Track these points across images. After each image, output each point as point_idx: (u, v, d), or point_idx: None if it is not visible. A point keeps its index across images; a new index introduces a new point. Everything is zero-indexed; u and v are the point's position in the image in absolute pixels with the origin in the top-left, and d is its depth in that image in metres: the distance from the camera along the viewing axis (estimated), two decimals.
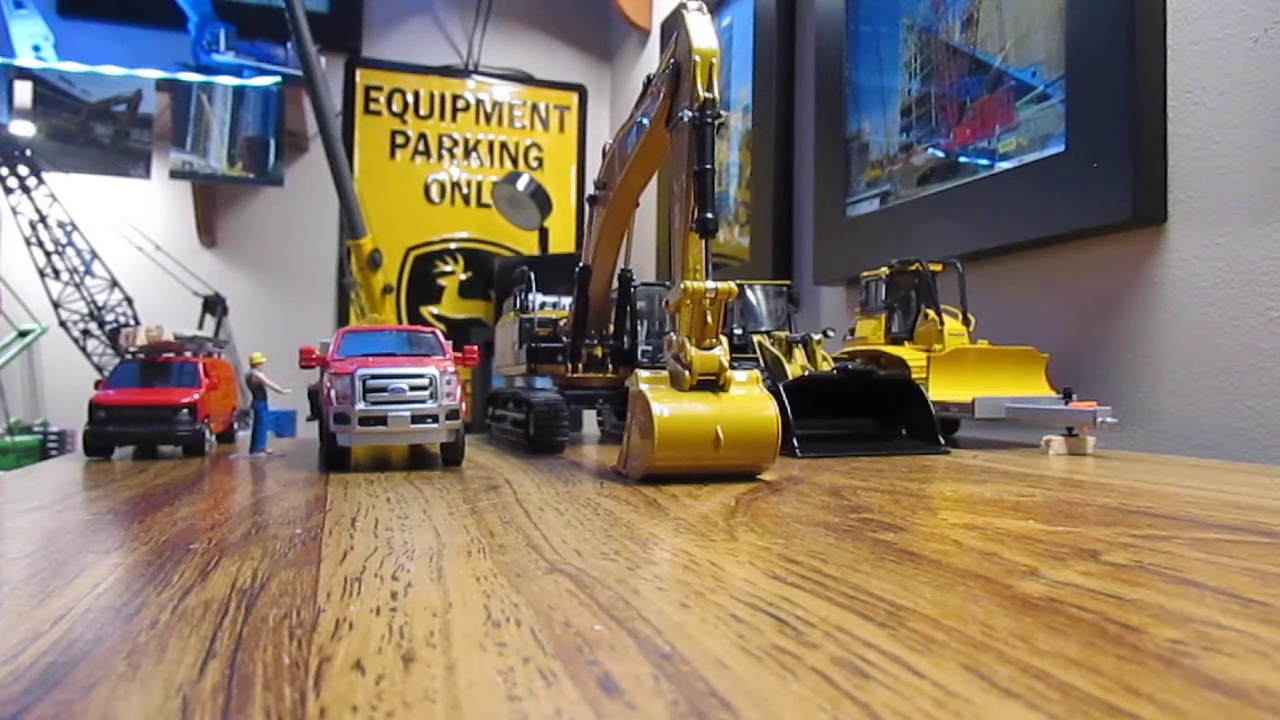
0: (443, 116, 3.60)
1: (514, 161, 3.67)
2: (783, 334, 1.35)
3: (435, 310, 3.55)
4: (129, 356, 1.14)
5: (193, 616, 0.34)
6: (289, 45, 3.06)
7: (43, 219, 2.82)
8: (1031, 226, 1.38)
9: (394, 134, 3.54)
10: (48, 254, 2.84)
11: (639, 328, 1.27)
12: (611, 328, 1.23)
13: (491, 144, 3.65)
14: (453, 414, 0.90)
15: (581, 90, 3.78)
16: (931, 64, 1.68)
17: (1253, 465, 0.98)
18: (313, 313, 3.44)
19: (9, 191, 2.79)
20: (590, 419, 1.66)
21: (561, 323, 1.29)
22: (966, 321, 1.29)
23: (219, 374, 1.20)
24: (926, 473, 0.86)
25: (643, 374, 0.81)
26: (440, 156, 3.59)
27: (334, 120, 2.49)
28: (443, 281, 3.57)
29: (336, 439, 0.89)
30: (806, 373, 1.21)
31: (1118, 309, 1.30)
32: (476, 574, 0.42)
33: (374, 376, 0.88)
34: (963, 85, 1.58)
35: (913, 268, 1.35)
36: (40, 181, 2.83)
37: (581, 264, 1.18)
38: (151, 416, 1.06)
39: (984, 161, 1.51)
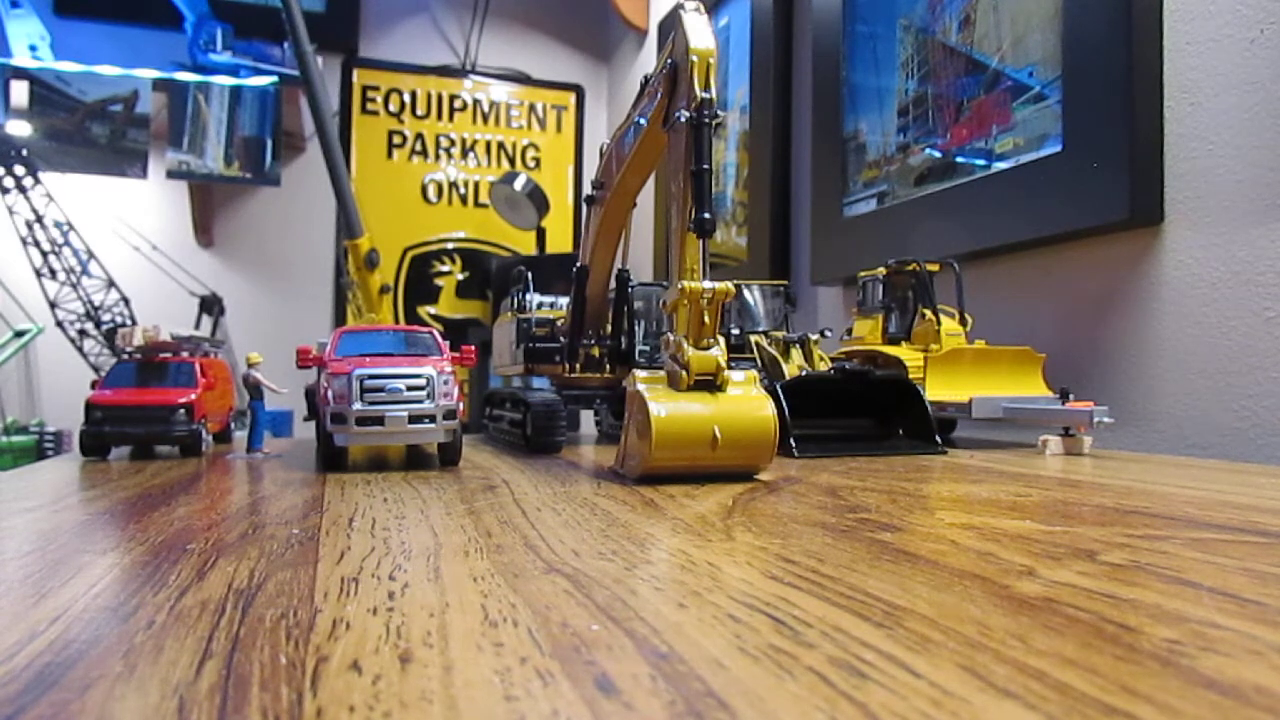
0: (440, 116, 3.60)
1: (511, 161, 3.68)
2: (780, 334, 1.35)
3: (432, 310, 3.55)
4: (125, 356, 1.14)
5: (189, 617, 0.34)
6: (286, 45, 3.06)
7: (39, 219, 2.81)
8: (1028, 226, 1.39)
9: (391, 134, 3.54)
10: (44, 254, 2.83)
11: (636, 328, 1.27)
12: (609, 328, 1.23)
13: (489, 144, 3.65)
14: (450, 414, 0.90)
15: (579, 90, 3.78)
16: (928, 64, 1.68)
17: (1249, 465, 0.98)
18: (310, 313, 3.44)
19: (5, 191, 2.79)
20: (588, 419, 1.66)
21: (559, 323, 1.29)
22: (963, 321, 1.29)
23: (215, 374, 1.20)
24: (923, 473, 0.86)
25: (640, 374, 0.81)
26: (437, 156, 3.59)
27: (331, 120, 2.48)
28: (440, 281, 3.57)
29: (334, 439, 0.89)
30: (804, 373, 1.21)
31: (1114, 309, 1.30)
32: (474, 574, 0.42)
33: (371, 377, 0.88)
34: (959, 85, 1.58)
35: (910, 268, 1.35)
36: (37, 181, 2.83)
37: (579, 264, 1.18)
38: (148, 417, 1.05)
39: (981, 162, 1.51)
